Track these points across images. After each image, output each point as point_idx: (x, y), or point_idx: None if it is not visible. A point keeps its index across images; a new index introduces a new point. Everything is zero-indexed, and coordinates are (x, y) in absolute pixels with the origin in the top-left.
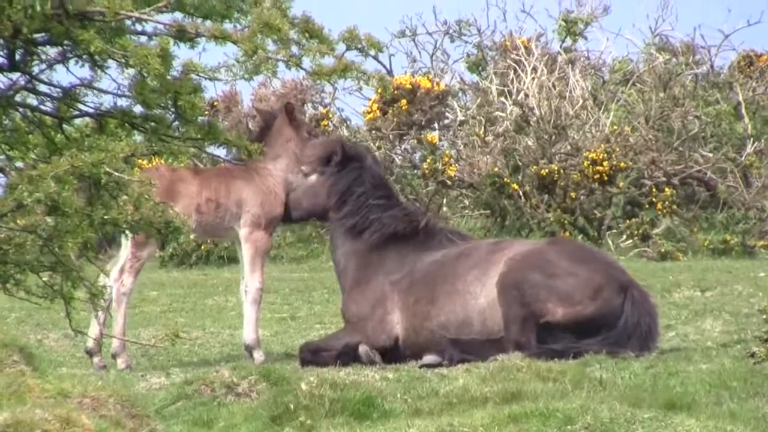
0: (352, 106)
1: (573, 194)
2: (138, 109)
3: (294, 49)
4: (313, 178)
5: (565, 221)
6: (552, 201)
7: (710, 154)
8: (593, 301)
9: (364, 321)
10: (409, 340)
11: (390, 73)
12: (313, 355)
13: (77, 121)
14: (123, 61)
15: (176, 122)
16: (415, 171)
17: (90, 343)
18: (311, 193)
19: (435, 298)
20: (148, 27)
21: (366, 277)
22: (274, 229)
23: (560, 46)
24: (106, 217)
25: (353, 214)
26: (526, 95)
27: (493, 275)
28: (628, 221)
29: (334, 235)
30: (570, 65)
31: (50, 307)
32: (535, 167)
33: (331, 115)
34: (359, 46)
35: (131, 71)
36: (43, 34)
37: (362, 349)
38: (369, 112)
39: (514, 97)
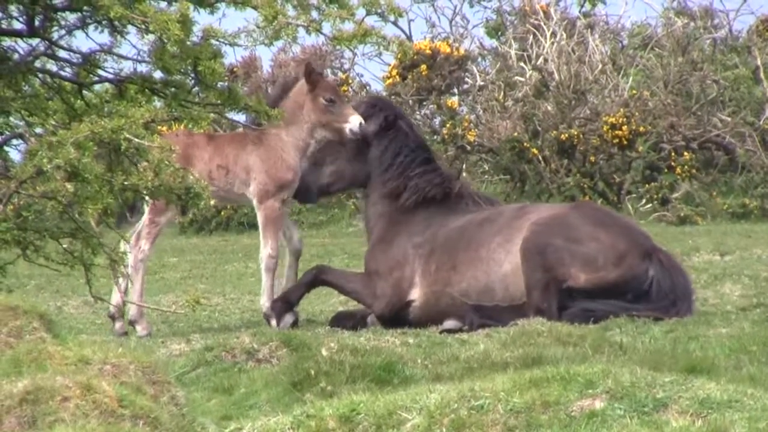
0: (372, 72)
1: (592, 159)
2: (158, 74)
3: (314, 14)
4: (352, 146)
5: (585, 186)
6: (571, 165)
7: (729, 119)
8: (616, 266)
9: (380, 280)
10: (429, 305)
11: (409, 38)
12: (321, 279)
13: (97, 86)
14: (143, 26)
15: (196, 88)
16: (435, 136)
17: (112, 308)
18: (353, 162)
19: (457, 265)
20: None
21: (390, 236)
22: (286, 194)
23: (579, 11)
24: (126, 183)
25: (395, 179)
26: (546, 60)
27: (517, 242)
28: (647, 185)
29: (371, 194)
30: (589, 30)
31: (70, 274)
32: (554, 132)
33: (351, 81)
34: (379, 11)
35: (151, 37)
36: None
37: (370, 319)
38: (389, 78)
39: (533, 62)
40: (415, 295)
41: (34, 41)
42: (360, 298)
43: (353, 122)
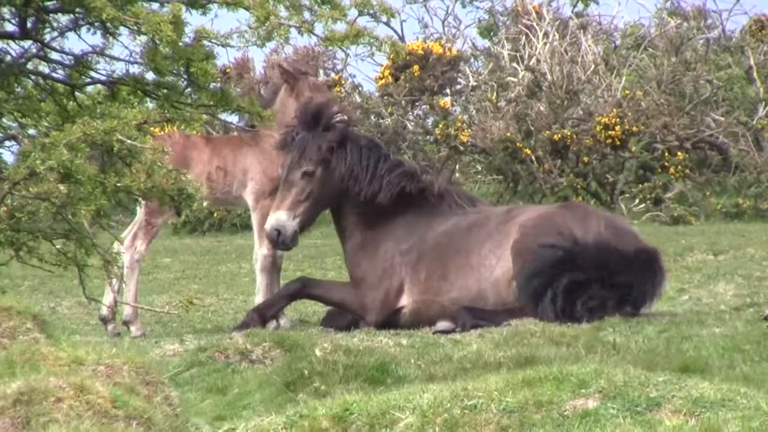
0: (365, 72)
1: (585, 159)
2: (150, 76)
3: (306, 15)
4: (319, 171)
5: (578, 186)
6: (565, 166)
7: (722, 118)
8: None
9: (369, 290)
10: (419, 313)
11: (402, 39)
12: (305, 293)
13: (89, 88)
14: (135, 28)
15: (188, 89)
16: (428, 136)
17: (104, 311)
18: (327, 185)
19: (447, 273)
20: None
21: (374, 241)
22: None
23: (572, 11)
24: (118, 184)
25: (368, 184)
26: (538, 60)
27: (507, 246)
28: (640, 185)
29: (343, 206)
30: (582, 30)
31: (63, 275)
32: (547, 132)
33: (343, 82)
34: (371, 11)
35: (143, 38)
36: (54, 1)
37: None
38: (381, 78)
39: (525, 62)
40: (405, 302)
41: (27, 43)
42: (349, 309)
43: None
